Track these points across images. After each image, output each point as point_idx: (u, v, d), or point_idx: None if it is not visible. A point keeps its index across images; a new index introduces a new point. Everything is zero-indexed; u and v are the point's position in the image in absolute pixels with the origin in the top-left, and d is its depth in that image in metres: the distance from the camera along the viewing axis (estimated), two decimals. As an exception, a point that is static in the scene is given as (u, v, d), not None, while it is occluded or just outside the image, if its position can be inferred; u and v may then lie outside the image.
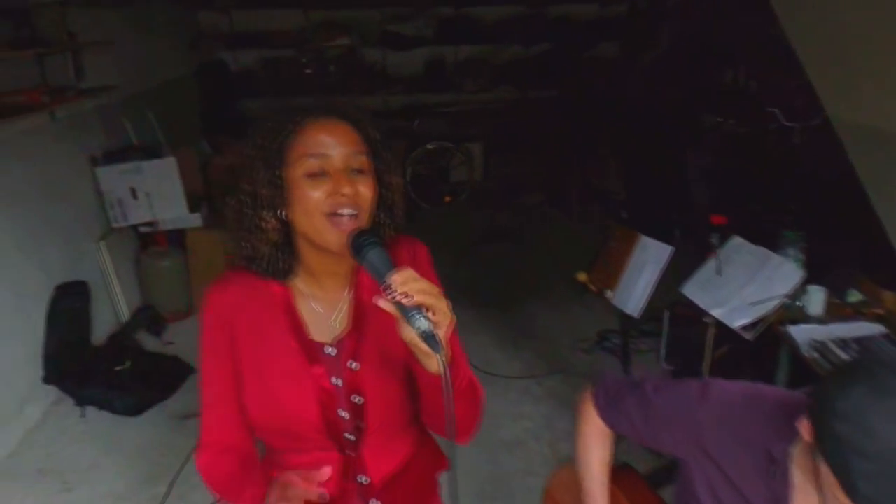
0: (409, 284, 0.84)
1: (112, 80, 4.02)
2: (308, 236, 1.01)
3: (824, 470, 0.94)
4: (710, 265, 2.51)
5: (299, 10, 6.56)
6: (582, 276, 2.82)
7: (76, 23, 3.63)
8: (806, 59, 2.75)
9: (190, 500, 2.69)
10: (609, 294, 2.65)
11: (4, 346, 2.97)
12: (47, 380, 3.25)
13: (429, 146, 6.37)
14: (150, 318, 3.99)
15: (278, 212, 1.02)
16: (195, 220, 4.14)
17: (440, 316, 0.86)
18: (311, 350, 1.07)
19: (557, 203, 6.31)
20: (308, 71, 6.71)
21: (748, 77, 4.87)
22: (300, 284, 1.10)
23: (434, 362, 0.87)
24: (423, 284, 0.85)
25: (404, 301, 0.84)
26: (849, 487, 0.89)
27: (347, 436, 1.08)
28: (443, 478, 1.24)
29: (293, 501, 0.98)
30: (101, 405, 3.24)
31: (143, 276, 4.19)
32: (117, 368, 3.40)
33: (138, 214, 3.98)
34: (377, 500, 1.13)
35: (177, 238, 4.21)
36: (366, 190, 1.00)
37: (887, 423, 0.86)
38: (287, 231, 1.05)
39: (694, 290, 2.46)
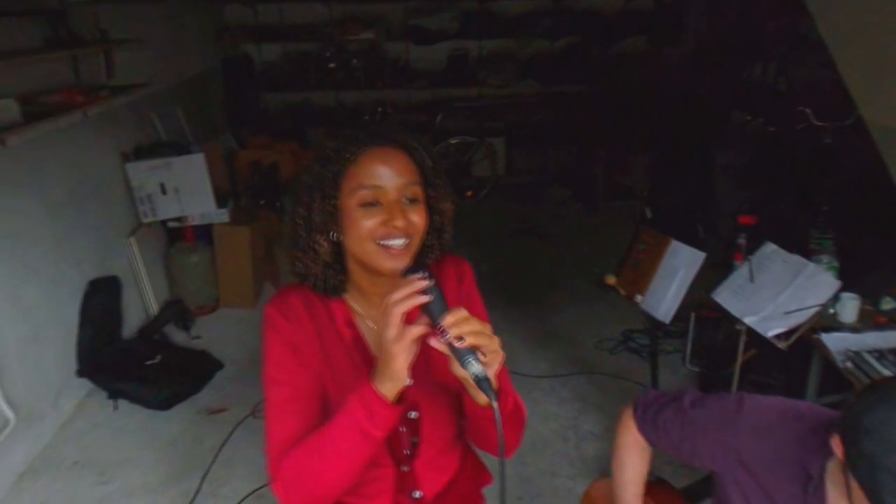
0: (462, 326, 0.85)
1: (142, 76, 4.06)
2: (360, 260, 1.03)
3: (854, 485, 0.96)
4: (741, 271, 2.48)
5: (323, 3, 6.59)
6: (611, 280, 2.79)
7: (107, 20, 3.68)
8: (839, 58, 2.71)
9: (221, 495, 2.73)
10: (639, 298, 2.63)
11: (40, 340, 3.02)
12: (81, 373, 3.31)
13: (451, 141, 6.38)
14: (178, 312, 4.04)
15: (331, 235, 1.04)
16: (222, 215, 4.18)
17: (491, 357, 0.87)
18: (374, 365, 1.09)
19: (581, 199, 6.29)
20: (331, 65, 6.73)
21: (778, 74, 4.79)
22: (352, 302, 1.12)
23: (482, 396, 0.88)
24: (475, 325, 0.86)
25: (457, 344, 0.85)
26: (875, 500, 0.91)
27: (404, 451, 1.10)
28: (487, 491, 1.25)
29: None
30: (133, 399, 3.29)
31: (171, 270, 4.24)
32: (148, 363, 3.45)
33: (167, 209, 4.03)
34: None
35: (204, 233, 4.25)
36: (418, 219, 1.01)
37: None
38: (339, 251, 1.06)
39: (726, 297, 2.43)
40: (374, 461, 1.06)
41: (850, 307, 2.37)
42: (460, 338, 0.84)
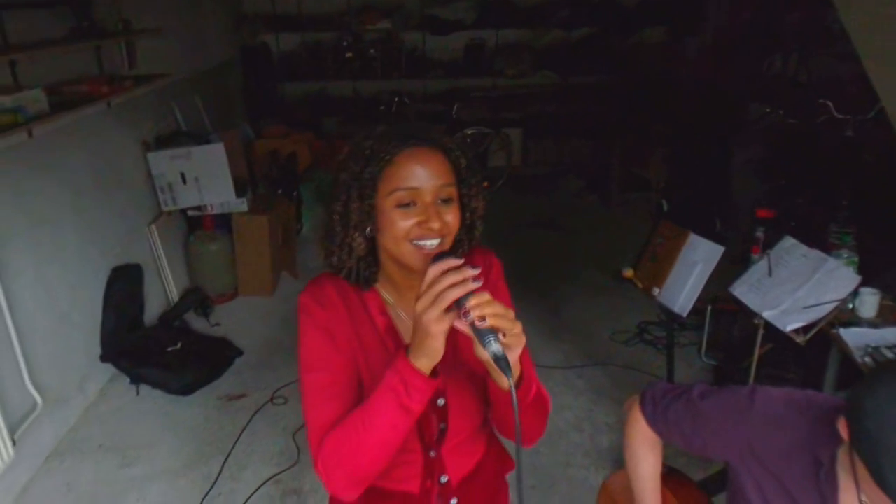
0: (484, 308, 0.87)
1: (162, 66, 4.09)
2: (394, 256, 1.05)
3: (859, 464, 0.98)
4: (760, 265, 2.48)
5: (341, -7, 6.60)
6: (628, 273, 2.80)
7: (129, 10, 3.71)
8: (862, 50, 2.68)
9: (241, 479, 2.78)
10: (656, 291, 2.63)
11: (66, 326, 3.08)
12: (104, 358, 3.36)
13: (467, 131, 6.38)
14: (198, 299, 4.09)
15: (367, 230, 1.06)
16: (241, 204, 4.22)
17: (512, 339, 0.89)
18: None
19: (596, 190, 6.28)
20: (348, 54, 6.76)
21: (798, 66, 4.74)
22: (383, 292, 1.14)
23: (505, 380, 0.90)
24: (498, 308, 0.88)
25: (479, 324, 0.87)
26: (880, 479, 0.93)
27: (432, 436, 1.13)
28: (510, 478, 1.28)
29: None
30: (155, 384, 3.34)
31: (191, 258, 4.30)
32: (169, 349, 3.50)
33: (187, 198, 4.08)
34: (455, 498, 1.17)
35: (223, 222, 4.29)
36: (452, 219, 1.03)
37: None
38: (373, 245, 1.09)
39: (744, 291, 2.43)
40: (404, 446, 1.08)
41: (869, 302, 2.36)
42: (482, 318, 0.86)
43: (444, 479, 1.16)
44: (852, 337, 2.21)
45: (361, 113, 6.64)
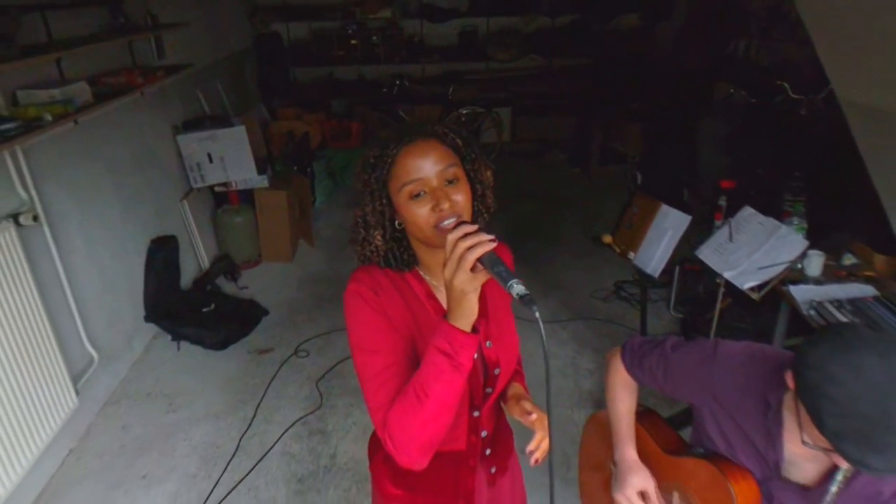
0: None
1: (186, 56, 4.07)
2: (423, 242, 1.05)
3: (802, 411, 1.04)
4: (722, 232, 2.53)
5: (346, -16, 6.49)
6: (607, 239, 2.86)
7: (155, 6, 3.68)
8: (815, 37, 2.70)
9: (273, 421, 2.87)
10: (632, 255, 2.70)
11: (113, 292, 3.14)
12: (148, 319, 3.43)
13: (462, 111, 6.35)
14: (226, 266, 4.15)
15: (392, 223, 1.06)
16: (262, 181, 4.24)
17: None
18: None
19: (578, 163, 6.29)
20: (353, 41, 6.67)
21: (759, 50, 4.73)
22: (423, 274, 1.13)
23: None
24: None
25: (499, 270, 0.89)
26: (819, 423, 0.99)
27: (481, 395, 1.16)
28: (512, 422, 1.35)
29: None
30: (193, 341, 3.41)
31: (219, 229, 4.33)
32: (204, 310, 3.56)
33: (214, 176, 4.09)
34: (489, 448, 1.24)
35: (246, 196, 4.31)
36: (462, 197, 1.01)
37: (846, 372, 0.97)
38: (403, 234, 1.09)
39: (708, 254, 2.48)
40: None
41: (815, 263, 2.40)
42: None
43: (484, 434, 1.20)
44: (800, 293, 2.27)
45: (366, 95, 6.59)
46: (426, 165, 0.99)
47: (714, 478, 1.28)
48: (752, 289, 2.28)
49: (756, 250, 2.35)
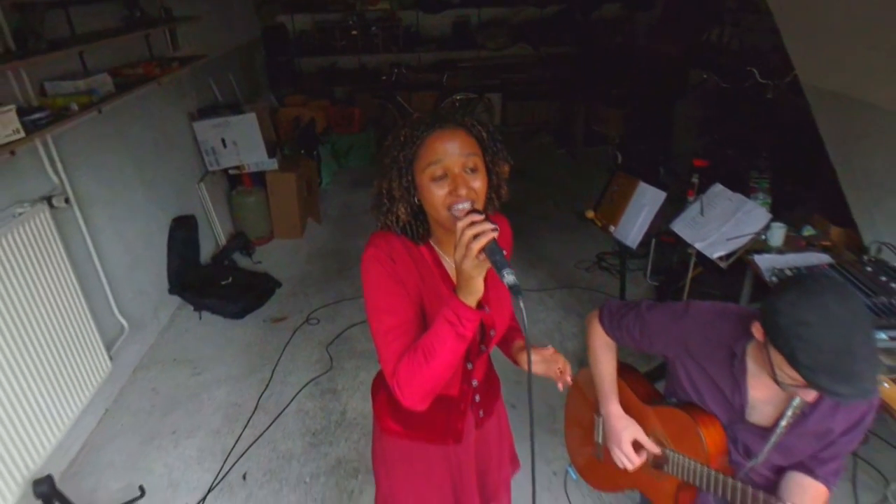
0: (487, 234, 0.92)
1: (199, 48, 4.02)
2: (436, 221, 1.08)
3: (774, 353, 1.08)
4: (695, 206, 2.55)
5: (346, -23, 6.37)
6: (590, 214, 2.87)
7: (168, 0, 3.63)
8: (782, 26, 2.70)
9: (288, 382, 2.91)
10: (612, 229, 2.72)
11: (140, 268, 3.16)
12: (171, 291, 3.45)
13: (456, 97, 6.31)
14: (241, 242, 4.16)
15: (413, 199, 1.07)
16: (273, 164, 4.22)
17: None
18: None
19: (563, 144, 6.28)
20: (354, 32, 6.58)
21: (731, 38, 4.70)
22: (435, 246, 1.15)
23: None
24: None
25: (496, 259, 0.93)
26: (792, 360, 1.04)
27: (476, 351, 1.21)
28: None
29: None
30: (213, 310, 3.44)
31: (233, 209, 4.33)
32: (223, 282, 3.58)
33: (228, 160, 4.08)
34: (478, 395, 1.29)
35: (258, 178, 4.31)
36: (479, 185, 1.02)
37: (813, 314, 1.01)
38: (421, 210, 1.10)
39: (681, 227, 2.51)
40: None
41: (778, 234, 2.43)
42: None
43: (475, 383, 1.26)
44: (763, 261, 2.30)
45: (367, 83, 6.53)
46: (451, 151, 1.01)
47: (686, 424, 1.34)
48: (720, 258, 2.32)
49: (725, 223, 2.38)
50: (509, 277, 0.92)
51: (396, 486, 1.35)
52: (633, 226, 2.61)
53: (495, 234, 0.93)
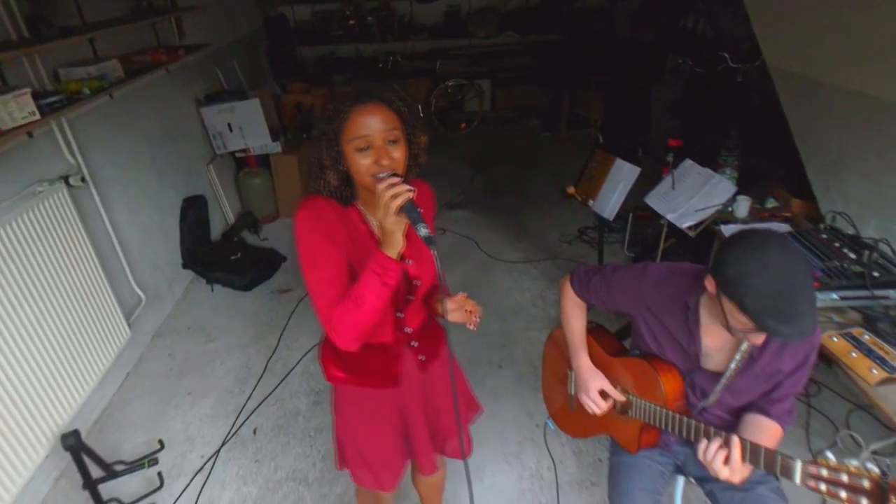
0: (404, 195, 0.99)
1: (205, 37, 3.97)
2: (361, 185, 1.11)
3: (726, 302, 1.11)
4: (667, 181, 2.58)
5: (343, -31, 6.24)
6: (570, 190, 2.89)
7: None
8: (752, 14, 2.69)
9: (293, 348, 2.95)
10: (591, 203, 2.75)
11: (155, 244, 3.17)
12: (185, 265, 3.47)
13: (448, 83, 6.26)
14: (249, 221, 4.16)
15: (341, 167, 1.09)
16: (276, 147, 4.20)
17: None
18: (379, 244, 1.12)
19: (549, 128, 6.25)
20: (351, 22, 6.47)
21: (705, 25, 4.66)
22: (360, 207, 1.18)
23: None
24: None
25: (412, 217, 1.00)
26: (743, 307, 1.07)
27: (403, 300, 1.24)
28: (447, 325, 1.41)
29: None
30: (224, 283, 3.47)
31: (241, 190, 4.32)
32: (232, 257, 3.60)
33: (234, 143, 4.06)
34: (416, 342, 1.32)
35: (263, 161, 4.29)
36: (399, 155, 1.06)
37: (758, 264, 1.04)
38: (348, 176, 1.12)
39: (654, 200, 2.54)
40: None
41: (743, 206, 2.46)
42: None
43: (408, 330, 1.30)
44: (729, 231, 2.32)
45: (364, 70, 6.45)
46: (373, 125, 1.04)
47: (647, 373, 1.38)
48: (689, 227, 2.34)
49: (694, 196, 2.40)
50: (423, 231, 1.00)
51: (349, 427, 1.40)
52: (610, 199, 2.63)
53: (411, 195, 0.99)
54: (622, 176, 2.59)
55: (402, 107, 1.08)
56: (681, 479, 1.60)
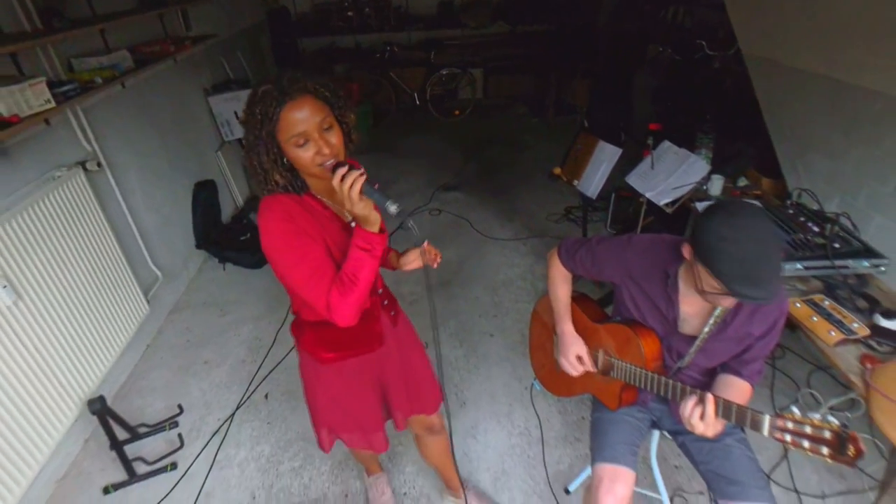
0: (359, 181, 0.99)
1: (210, 28, 3.90)
2: (309, 175, 1.08)
3: (700, 267, 1.12)
4: (646, 161, 2.57)
5: (341, -37, 6.07)
6: (557, 170, 2.88)
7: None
8: (728, 2, 2.66)
9: None
10: (576, 182, 2.74)
11: (171, 226, 3.15)
12: (198, 246, 3.46)
13: (442, 72, 6.17)
14: (257, 204, 4.13)
15: (283, 164, 1.05)
16: (281, 133, 4.16)
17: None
18: (348, 229, 1.15)
19: (538, 114, 6.19)
20: (349, 13, 6.34)
21: (685, 15, 4.59)
22: (316, 195, 1.13)
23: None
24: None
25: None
26: (714, 272, 1.08)
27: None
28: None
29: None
30: (235, 262, 3.46)
31: (248, 174, 4.28)
32: (242, 238, 3.58)
33: (241, 131, 4.00)
34: (385, 300, 1.35)
35: (269, 147, 4.25)
36: (336, 139, 1.03)
37: (731, 231, 1.05)
38: (292, 168, 1.08)
39: (635, 179, 2.54)
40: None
41: (716, 184, 2.47)
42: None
43: (380, 290, 1.31)
44: (703, 207, 2.32)
45: (362, 60, 6.34)
46: (305, 119, 0.99)
47: (628, 337, 1.40)
48: (666, 205, 2.35)
49: (671, 175, 2.40)
50: (391, 208, 1.01)
51: (337, 400, 1.36)
52: (594, 179, 2.63)
53: (363, 178, 0.99)
54: (605, 157, 2.59)
55: (325, 92, 1.03)
56: (656, 433, 1.64)
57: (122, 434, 2.13)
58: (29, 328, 1.91)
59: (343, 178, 0.98)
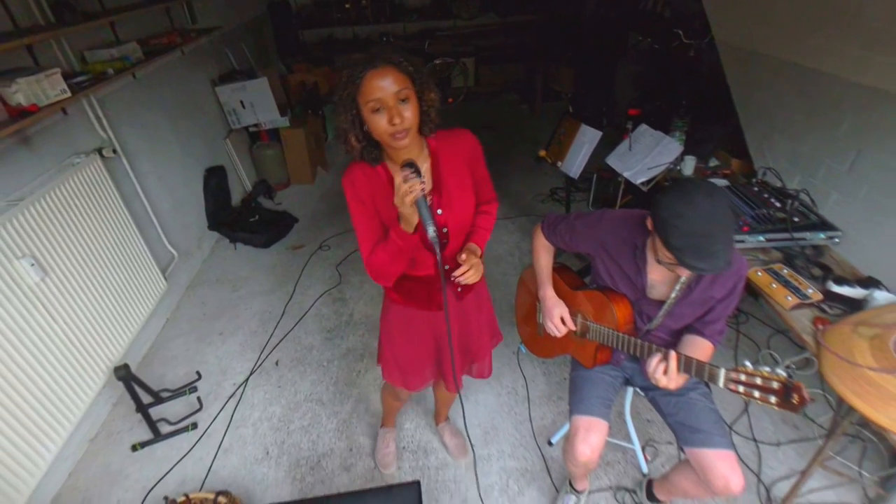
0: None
1: (215, 21, 3.81)
2: (382, 142, 1.10)
3: (657, 239, 1.15)
4: (625, 143, 2.58)
5: (338, -44, 5.91)
6: (542, 153, 2.89)
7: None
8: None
9: (307, 294, 2.97)
10: (559, 164, 2.75)
11: (185, 209, 3.14)
12: (210, 227, 3.46)
13: (436, 61, 6.07)
14: (264, 188, 4.11)
15: (361, 128, 1.08)
16: (285, 121, 4.11)
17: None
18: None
19: (526, 101, 6.13)
20: (347, 5, 6.20)
21: (663, 5, 4.52)
22: (390, 165, 1.16)
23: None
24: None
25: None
26: (667, 244, 1.10)
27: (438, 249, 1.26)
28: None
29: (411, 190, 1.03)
30: (246, 242, 3.46)
31: (255, 160, 4.25)
32: (251, 220, 3.58)
33: (247, 119, 3.96)
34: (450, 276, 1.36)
35: (274, 134, 4.20)
36: (411, 114, 1.04)
37: (685, 207, 1.07)
38: (370, 137, 1.11)
39: (614, 160, 2.55)
40: (420, 253, 1.24)
41: (689, 164, 2.50)
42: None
43: (446, 267, 1.31)
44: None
45: (361, 51, 6.22)
46: (385, 87, 1.00)
47: (602, 302, 1.43)
48: (642, 183, 2.37)
49: (647, 156, 2.41)
50: (430, 229, 1.06)
51: (391, 336, 1.47)
52: (576, 160, 2.63)
53: (421, 190, 1.02)
54: (586, 139, 2.59)
55: (409, 67, 1.04)
56: (629, 390, 1.70)
57: (146, 398, 2.18)
58: (57, 303, 1.93)
59: (406, 179, 1.02)
